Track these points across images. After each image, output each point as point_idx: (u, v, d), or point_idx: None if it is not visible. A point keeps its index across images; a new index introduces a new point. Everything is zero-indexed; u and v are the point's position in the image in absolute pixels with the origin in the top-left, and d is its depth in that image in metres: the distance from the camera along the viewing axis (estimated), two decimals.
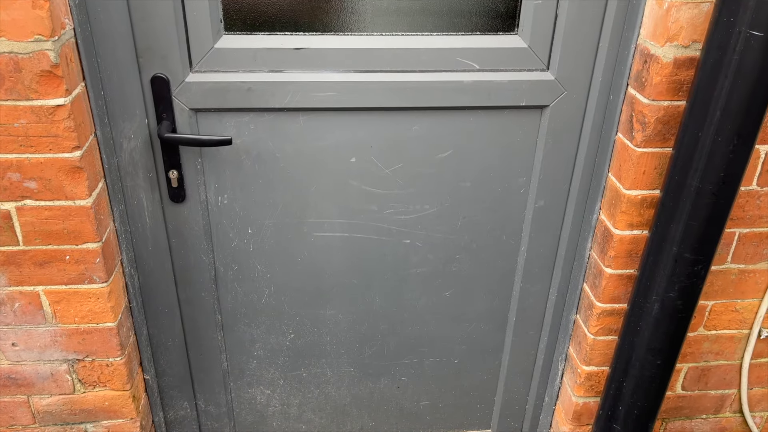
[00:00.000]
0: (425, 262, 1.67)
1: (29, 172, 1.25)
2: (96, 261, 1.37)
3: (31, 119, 1.19)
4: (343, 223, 1.58)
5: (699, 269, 1.34)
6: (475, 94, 1.43)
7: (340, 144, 1.48)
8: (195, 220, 1.53)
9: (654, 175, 1.40)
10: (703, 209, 1.26)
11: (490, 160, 1.54)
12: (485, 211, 1.61)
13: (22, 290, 1.39)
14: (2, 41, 1.11)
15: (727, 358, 1.72)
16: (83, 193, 1.28)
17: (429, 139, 1.50)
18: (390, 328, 1.77)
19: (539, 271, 1.71)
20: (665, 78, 1.28)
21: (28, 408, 1.56)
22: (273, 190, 1.52)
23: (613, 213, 1.48)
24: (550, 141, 1.51)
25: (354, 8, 1.36)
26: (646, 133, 1.35)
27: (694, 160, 1.23)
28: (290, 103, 1.40)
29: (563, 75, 1.44)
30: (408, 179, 1.54)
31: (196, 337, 1.71)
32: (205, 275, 1.61)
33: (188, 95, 1.37)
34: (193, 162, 1.45)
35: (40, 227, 1.31)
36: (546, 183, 1.57)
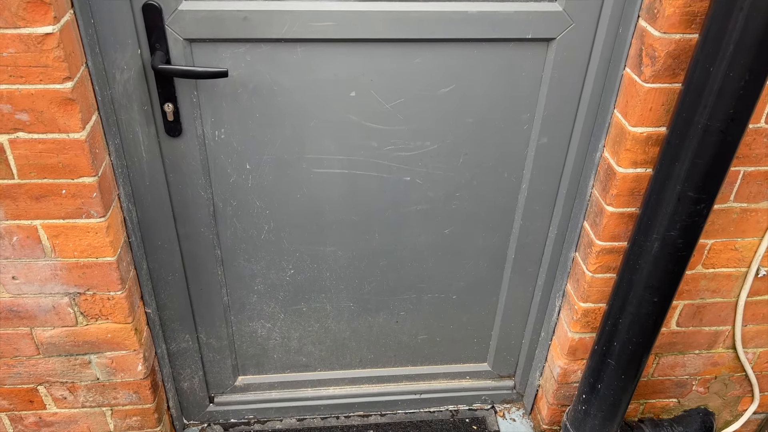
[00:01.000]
0: (425, 199, 1.65)
1: (20, 103, 1.21)
2: (93, 195, 1.35)
3: (19, 48, 1.15)
4: (342, 160, 1.56)
5: (701, 208, 1.33)
6: (479, 25, 1.38)
7: (339, 77, 1.44)
8: (192, 155, 1.50)
9: (661, 112, 1.37)
10: (709, 147, 1.24)
11: (493, 95, 1.50)
12: (487, 147, 1.58)
13: (19, 224, 1.38)
14: None
15: (723, 296, 1.73)
16: (77, 126, 1.26)
17: (431, 73, 1.45)
18: (389, 264, 1.78)
19: (540, 209, 1.70)
20: (678, 9, 1.23)
21: (32, 339, 1.58)
22: (271, 124, 1.49)
23: (617, 151, 1.46)
24: (555, 75, 1.47)
25: None
26: (656, 67, 1.31)
27: (703, 96, 1.20)
28: (288, 33, 1.35)
29: (572, 6, 1.38)
30: (409, 114, 1.51)
31: (196, 272, 1.71)
32: (204, 211, 1.60)
33: (182, 24, 1.32)
34: (189, 95, 1.42)
35: (35, 161, 1.29)
36: (550, 119, 1.54)
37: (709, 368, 1.93)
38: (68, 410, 1.76)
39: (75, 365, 1.65)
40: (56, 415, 1.77)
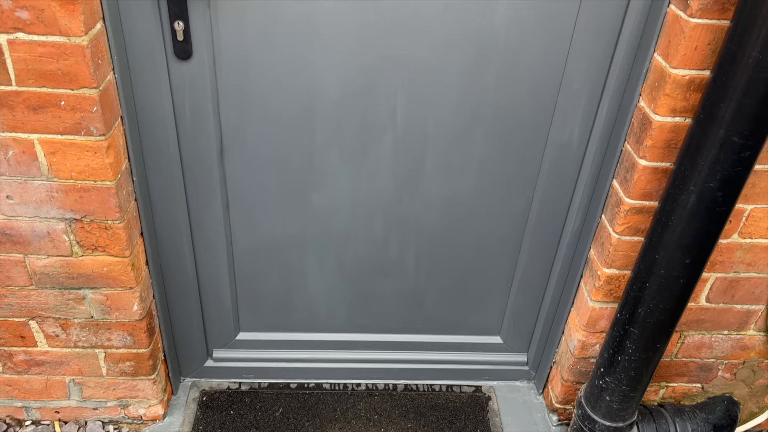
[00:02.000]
0: (442, 154, 1.56)
1: None
2: (93, 110, 1.28)
3: None
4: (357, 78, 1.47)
5: (746, 156, 1.22)
6: None
7: (357, 4, 1.35)
8: (201, 82, 1.42)
9: (707, 52, 1.26)
10: (760, 85, 1.13)
11: (522, 32, 1.40)
12: (513, 91, 1.48)
13: (15, 137, 1.31)
14: None
15: (759, 271, 1.62)
16: (78, 29, 1.18)
17: (457, 5, 1.36)
18: (397, 214, 1.69)
19: (567, 165, 1.60)
20: None
21: (25, 268, 1.51)
22: (283, 51, 1.40)
23: (654, 97, 1.35)
24: (592, 13, 1.37)
25: None
26: (704, 0, 1.20)
27: (756, 25, 1.09)
28: None
29: None
30: (429, 44, 1.42)
31: (199, 220, 1.64)
32: (211, 146, 1.52)
33: None
34: (202, 12, 1.34)
35: (34, 65, 1.22)
36: (583, 63, 1.44)
37: (738, 352, 1.80)
38: (60, 349, 1.69)
39: (69, 300, 1.58)
40: (47, 354, 1.70)
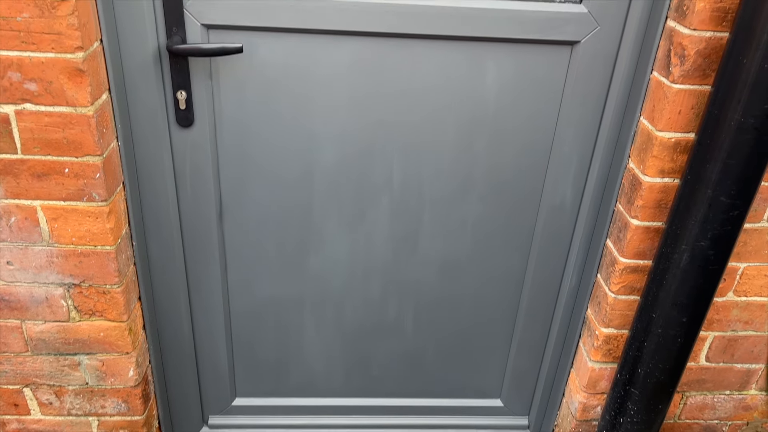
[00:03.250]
0: (437, 215, 1.59)
1: (30, 72, 1.19)
2: (96, 176, 1.31)
3: (33, 13, 1.14)
4: (353, 160, 1.51)
5: (735, 215, 1.24)
6: (499, 24, 1.35)
7: (354, 70, 1.40)
8: (202, 148, 1.46)
9: (690, 116, 1.31)
10: (743, 146, 1.17)
11: (513, 98, 1.45)
12: (505, 155, 1.52)
13: (18, 204, 1.33)
14: None
15: (756, 329, 1.62)
16: (85, 100, 1.23)
17: (448, 72, 1.41)
18: (396, 270, 1.70)
19: (560, 225, 1.62)
20: (709, 4, 1.19)
21: (21, 334, 1.51)
22: (286, 116, 1.45)
23: (643, 159, 1.39)
24: (579, 80, 1.43)
25: None
26: (685, 67, 1.25)
27: (736, 90, 1.14)
28: (306, 23, 1.33)
29: (597, 8, 1.35)
30: (423, 112, 1.46)
31: (198, 278, 1.64)
32: (210, 208, 1.54)
33: (200, 9, 1.31)
34: (204, 82, 1.39)
35: (40, 135, 1.26)
36: (572, 126, 1.48)
37: (741, 412, 1.78)
38: (53, 417, 1.66)
39: (64, 366, 1.56)
40: (40, 422, 1.67)
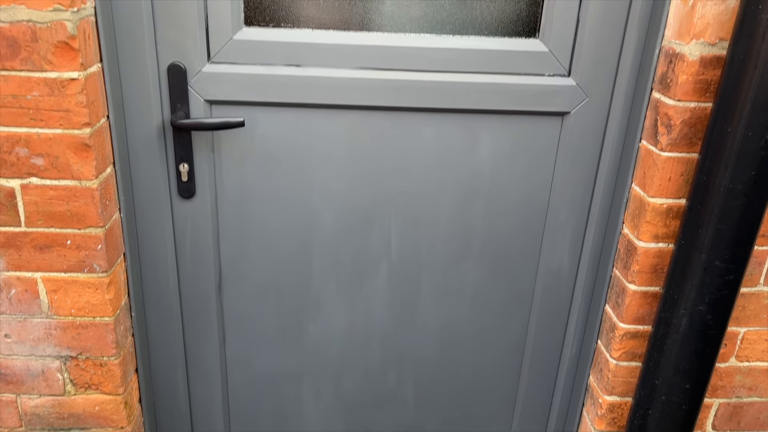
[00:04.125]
0: (436, 283, 1.60)
1: (37, 147, 1.23)
2: (98, 248, 1.32)
3: (43, 92, 1.18)
4: (352, 232, 1.53)
5: (731, 279, 1.25)
6: (491, 97, 1.41)
7: (352, 144, 1.45)
8: (203, 219, 1.48)
9: (680, 183, 1.34)
10: (734, 211, 1.19)
11: (507, 167, 1.49)
12: (501, 222, 1.55)
13: (19, 276, 1.34)
14: (21, 9, 1.12)
15: (760, 395, 1.59)
16: (90, 173, 1.26)
17: (443, 143, 1.46)
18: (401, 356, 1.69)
19: (558, 291, 1.63)
20: (691, 77, 1.24)
21: (16, 409, 1.48)
22: (286, 189, 1.48)
23: (636, 224, 1.41)
24: (571, 149, 1.47)
25: (376, 9, 1.36)
26: (672, 136, 1.30)
27: (723, 157, 1.17)
28: (306, 98, 1.39)
29: (585, 81, 1.41)
30: (420, 182, 1.50)
31: (196, 351, 1.63)
32: (210, 280, 1.55)
33: (204, 85, 1.36)
34: (206, 155, 1.43)
35: (44, 208, 1.28)
36: (567, 193, 1.51)
37: None
38: None
39: None
40: None
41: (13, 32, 1.13)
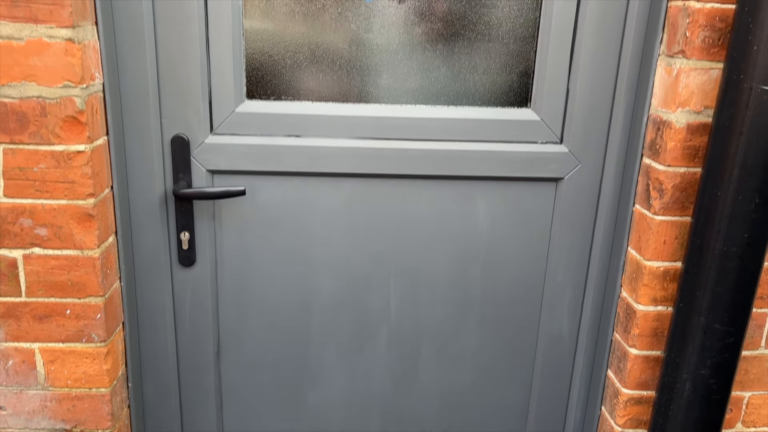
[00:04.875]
0: (436, 348, 1.59)
1: (42, 218, 1.25)
2: (97, 317, 1.32)
3: (50, 164, 1.21)
4: (348, 299, 1.54)
5: (731, 342, 1.25)
6: (486, 164, 1.44)
7: (350, 210, 1.47)
8: (203, 288, 1.49)
9: (675, 246, 1.35)
10: (730, 274, 1.21)
11: (504, 232, 1.51)
12: (500, 285, 1.55)
13: (17, 347, 1.34)
14: (32, 86, 1.16)
15: None
16: (92, 243, 1.27)
17: (440, 210, 1.48)
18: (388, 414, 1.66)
19: (559, 356, 1.61)
20: (679, 143, 1.28)
21: None
22: (285, 259, 1.49)
23: (634, 287, 1.42)
24: (566, 214, 1.49)
25: (374, 82, 1.42)
26: (664, 200, 1.32)
27: (715, 220, 1.20)
28: (306, 167, 1.42)
29: (577, 148, 1.45)
30: (418, 248, 1.51)
31: (193, 421, 1.60)
32: (208, 350, 1.54)
33: (206, 156, 1.40)
34: (206, 224, 1.45)
35: (45, 277, 1.29)
36: (564, 257, 1.53)
37: None
38: None
39: None
40: None
41: (23, 107, 1.18)
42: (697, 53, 1.22)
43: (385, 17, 1.37)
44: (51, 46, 1.14)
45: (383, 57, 1.40)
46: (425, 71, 1.41)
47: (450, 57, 1.41)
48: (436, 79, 1.42)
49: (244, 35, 1.36)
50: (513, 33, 1.39)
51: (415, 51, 1.40)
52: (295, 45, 1.38)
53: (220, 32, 1.33)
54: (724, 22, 1.20)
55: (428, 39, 1.40)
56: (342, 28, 1.37)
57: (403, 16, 1.37)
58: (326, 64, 1.39)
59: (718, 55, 1.22)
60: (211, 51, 1.34)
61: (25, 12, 1.12)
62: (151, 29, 1.30)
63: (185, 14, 1.30)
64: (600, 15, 1.35)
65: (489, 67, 1.41)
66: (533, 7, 1.38)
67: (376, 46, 1.39)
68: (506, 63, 1.42)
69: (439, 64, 1.41)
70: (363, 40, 1.38)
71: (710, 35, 1.21)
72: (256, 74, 1.39)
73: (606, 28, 1.36)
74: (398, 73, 1.41)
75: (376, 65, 1.40)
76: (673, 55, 1.27)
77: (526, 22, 1.39)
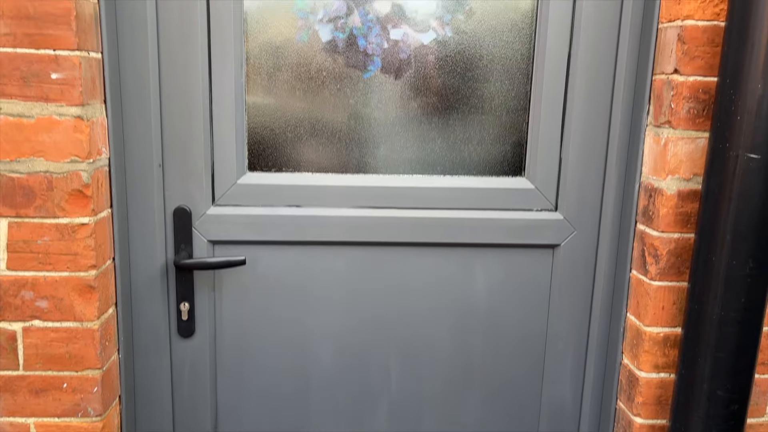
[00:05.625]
0: (438, 419, 1.56)
1: (43, 290, 1.26)
2: (93, 390, 1.31)
3: (54, 236, 1.23)
4: (349, 373, 1.52)
5: (735, 410, 1.24)
6: (483, 231, 1.46)
7: (351, 278, 1.48)
8: (201, 360, 1.48)
9: (674, 311, 1.36)
10: (729, 339, 1.20)
11: (503, 299, 1.51)
12: (500, 355, 1.54)
13: (12, 422, 1.32)
14: (40, 161, 1.20)
15: None
16: (92, 315, 1.28)
17: (439, 277, 1.49)
18: None
19: (564, 427, 1.58)
20: (671, 210, 1.30)
21: None
22: (285, 329, 1.49)
23: (636, 354, 1.41)
24: (564, 280, 1.50)
25: (372, 153, 1.46)
26: (660, 265, 1.34)
27: (711, 286, 1.21)
28: (305, 236, 1.44)
29: (572, 214, 1.47)
30: (417, 315, 1.51)
31: None
32: (206, 424, 1.51)
33: (208, 227, 1.42)
34: (206, 294, 1.46)
35: (44, 350, 1.29)
36: (564, 323, 1.53)
37: None
38: None
39: None
40: None
41: (30, 182, 1.21)
42: (683, 123, 1.27)
43: (382, 92, 1.43)
44: (60, 124, 1.18)
45: (381, 129, 1.45)
46: (422, 142, 1.46)
47: (445, 129, 1.46)
48: (432, 150, 1.46)
49: (246, 110, 1.41)
50: (505, 106, 1.45)
51: (411, 123, 1.45)
52: (295, 119, 1.43)
53: (223, 108, 1.38)
54: (707, 93, 1.25)
55: (424, 112, 1.45)
56: (341, 102, 1.43)
57: (400, 90, 1.43)
58: (326, 137, 1.44)
59: (703, 124, 1.27)
60: (215, 125, 1.39)
61: (37, 91, 1.17)
62: (157, 105, 1.35)
63: (190, 90, 1.36)
64: (588, 86, 1.41)
65: (483, 138, 1.46)
66: (524, 81, 1.44)
67: (374, 120, 1.44)
68: (500, 134, 1.46)
69: (435, 135, 1.46)
70: (361, 113, 1.44)
71: (694, 106, 1.26)
72: (258, 147, 1.43)
73: (595, 99, 1.42)
74: (396, 145, 1.46)
75: (374, 137, 1.45)
76: (660, 125, 1.31)
77: (517, 95, 1.44)
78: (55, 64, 1.16)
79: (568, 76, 1.41)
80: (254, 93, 1.41)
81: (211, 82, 1.37)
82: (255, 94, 1.41)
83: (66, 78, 1.17)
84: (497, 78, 1.43)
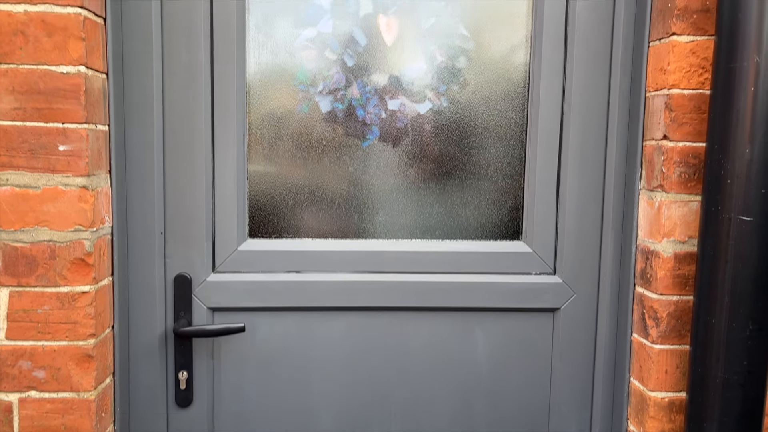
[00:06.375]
0: None
1: (41, 360, 1.25)
2: None
3: (54, 305, 1.24)
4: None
5: None
6: (482, 295, 1.47)
7: (350, 343, 1.47)
8: (199, 430, 1.45)
9: (677, 375, 1.34)
10: (734, 403, 1.19)
11: (504, 363, 1.50)
12: (503, 421, 1.51)
13: None
14: (44, 230, 1.21)
15: None
16: (89, 385, 1.26)
17: (439, 341, 1.49)
18: None
19: None
20: (669, 272, 1.31)
21: None
22: (284, 397, 1.47)
23: (641, 420, 1.39)
24: (565, 344, 1.49)
25: (370, 219, 1.48)
26: (661, 328, 1.33)
27: (713, 349, 1.20)
28: (305, 302, 1.44)
29: (571, 278, 1.48)
30: (418, 381, 1.49)
31: None
32: None
33: (207, 294, 1.43)
34: (205, 362, 1.44)
35: (39, 422, 1.26)
36: (567, 389, 1.51)
37: None
38: None
39: None
40: None
41: (33, 251, 1.22)
42: (675, 187, 1.29)
43: (380, 160, 1.46)
44: (66, 194, 1.21)
45: (380, 196, 1.47)
46: (420, 208, 1.48)
47: (442, 194, 1.48)
48: (430, 214, 1.49)
49: (248, 179, 1.44)
50: (500, 171, 1.48)
51: (409, 189, 1.48)
52: (296, 186, 1.46)
53: (225, 177, 1.41)
54: (697, 158, 1.29)
55: (421, 178, 1.48)
56: (340, 170, 1.46)
57: (398, 158, 1.47)
58: (326, 204, 1.47)
59: (695, 188, 1.29)
60: (217, 194, 1.41)
61: (44, 163, 1.20)
62: (160, 175, 1.39)
63: (193, 160, 1.39)
64: (581, 152, 1.45)
65: (480, 202, 1.49)
66: (518, 147, 1.48)
67: (373, 186, 1.47)
68: (496, 198, 1.49)
69: (433, 201, 1.48)
70: (360, 180, 1.47)
71: (685, 170, 1.29)
72: (259, 214, 1.46)
73: (588, 164, 1.45)
74: (394, 210, 1.48)
75: (373, 203, 1.47)
76: (653, 189, 1.34)
77: (512, 161, 1.48)
78: (63, 137, 1.20)
79: (561, 143, 1.45)
80: (256, 162, 1.44)
81: (214, 151, 1.40)
82: (257, 163, 1.45)
83: (73, 150, 1.20)
84: (492, 145, 1.47)
